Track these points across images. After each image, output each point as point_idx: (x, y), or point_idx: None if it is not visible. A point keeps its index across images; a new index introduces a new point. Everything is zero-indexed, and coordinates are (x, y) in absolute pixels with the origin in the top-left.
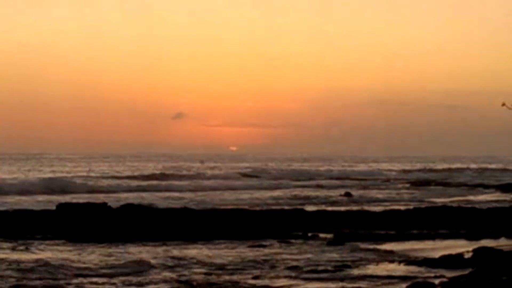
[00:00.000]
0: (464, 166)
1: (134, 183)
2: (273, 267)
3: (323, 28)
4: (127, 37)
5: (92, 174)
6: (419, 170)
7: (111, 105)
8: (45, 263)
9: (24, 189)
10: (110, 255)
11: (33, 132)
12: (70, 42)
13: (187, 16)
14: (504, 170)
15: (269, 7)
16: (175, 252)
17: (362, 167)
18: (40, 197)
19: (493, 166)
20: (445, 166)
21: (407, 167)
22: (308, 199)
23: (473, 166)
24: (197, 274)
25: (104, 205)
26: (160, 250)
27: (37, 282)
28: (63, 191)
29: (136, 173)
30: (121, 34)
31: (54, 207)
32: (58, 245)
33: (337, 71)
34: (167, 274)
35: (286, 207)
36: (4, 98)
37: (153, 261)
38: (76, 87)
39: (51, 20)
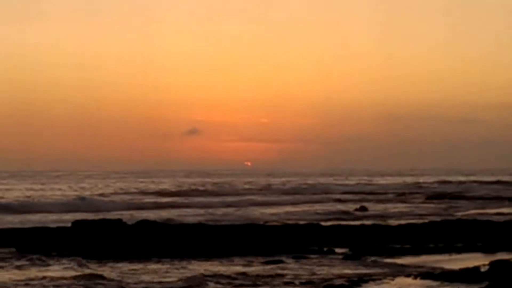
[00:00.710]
0: (480, 179)
1: (153, 199)
2: (288, 282)
3: (337, 44)
4: (141, 54)
5: (110, 191)
6: (434, 184)
7: (125, 121)
8: (98, 280)
9: (47, 207)
10: (145, 271)
11: (46, 149)
12: (86, 58)
13: (202, 33)
14: None
15: (283, 24)
16: (191, 268)
17: (376, 181)
18: (66, 215)
19: (509, 178)
20: (461, 179)
21: (422, 180)
22: (324, 214)
23: (489, 178)
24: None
25: (119, 221)
26: (174, 266)
27: None
28: (82, 209)
29: (153, 190)
30: (135, 51)
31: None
32: (90, 262)
33: (351, 86)
34: None
35: (302, 222)
36: (21, 115)
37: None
38: (90, 104)
39: (69, 35)
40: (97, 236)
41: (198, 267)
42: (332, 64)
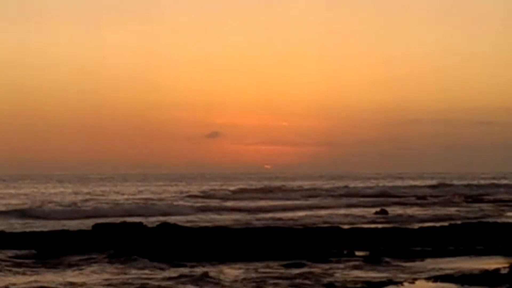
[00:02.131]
0: (500, 182)
1: (182, 203)
2: (308, 285)
3: (357, 48)
4: (161, 57)
5: (144, 196)
6: (454, 186)
7: (145, 124)
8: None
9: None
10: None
11: (53, 152)
12: (101, 59)
13: (223, 35)
14: None
15: (302, 27)
16: (209, 272)
17: (396, 184)
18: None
19: None
20: (481, 182)
21: (441, 183)
22: (344, 217)
23: (508, 181)
24: None
25: (139, 224)
26: (191, 270)
27: None
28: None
29: (179, 194)
30: (155, 54)
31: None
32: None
33: (371, 89)
34: None
35: (322, 225)
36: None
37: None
38: (108, 106)
39: (92, 36)
40: (119, 239)
41: (215, 271)
42: (352, 68)
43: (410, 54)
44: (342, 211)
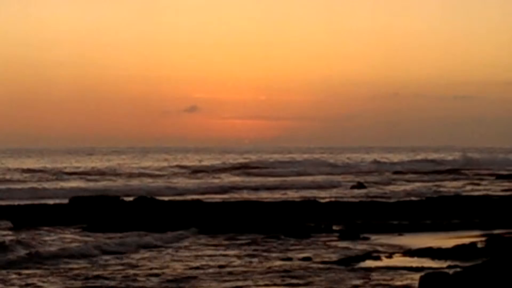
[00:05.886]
0: (476, 155)
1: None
2: (285, 259)
3: (336, 20)
4: (140, 31)
5: (133, 171)
6: (430, 160)
7: (123, 99)
8: None
9: None
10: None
11: (42, 126)
12: (84, 35)
13: (201, 10)
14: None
15: (282, 2)
16: (185, 244)
17: (374, 158)
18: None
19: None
20: (457, 156)
21: (420, 157)
22: (321, 190)
23: (486, 155)
24: (211, 267)
25: (116, 198)
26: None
27: None
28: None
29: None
30: (135, 28)
31: None
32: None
33: (351, 63)
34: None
35: (299, 199)
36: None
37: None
38: (87, 81)
39: (67, 12)
40: (97, 212)
41: (190, 244)
42: (329, 42)
43: (389, 29)
44: (320, 184)
